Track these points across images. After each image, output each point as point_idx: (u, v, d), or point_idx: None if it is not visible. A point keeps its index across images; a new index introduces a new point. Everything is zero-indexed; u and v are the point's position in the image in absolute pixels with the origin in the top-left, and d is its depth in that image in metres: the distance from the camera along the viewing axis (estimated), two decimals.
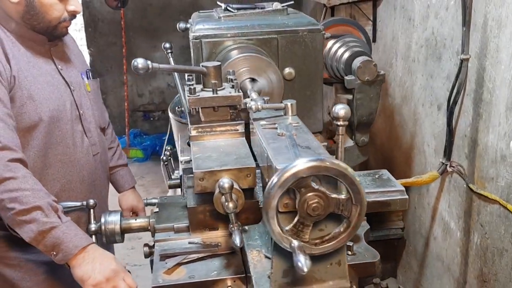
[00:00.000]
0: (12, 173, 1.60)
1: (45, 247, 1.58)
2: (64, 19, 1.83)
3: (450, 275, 2.65)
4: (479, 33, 2.22)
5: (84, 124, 1.94)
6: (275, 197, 1.04)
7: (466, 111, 2.37)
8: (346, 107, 1.36)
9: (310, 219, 1.08)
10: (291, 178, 1.03)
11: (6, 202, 1.57)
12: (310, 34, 2.27)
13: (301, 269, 1.00)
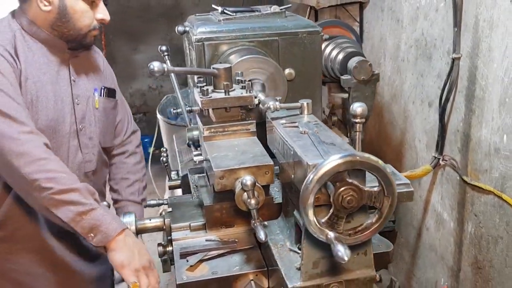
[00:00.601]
0: (48, 154, 1.60)
1: (82, 229, 1.56)
2: (94, 27, 1.83)
3: (444, 264, 2.74)
4: (470, 34, 2.31)
5: (81, 139, 1.88)
6: (313, 191, 1.09)
7: (458, 108, 2.46)
8: (363, 105, 1.42)
9: (344, 212, 1.14)
10: (329, 172, 1.08)
11: (41, 182, 1.55)
12: (310, 36, 2.33)
13: (342, 258, 1.05)
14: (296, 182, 1.31)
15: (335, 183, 1.11)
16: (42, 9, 1.75)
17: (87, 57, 1.98)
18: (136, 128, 2.29)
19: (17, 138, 1.57)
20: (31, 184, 1.54)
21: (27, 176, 1.54)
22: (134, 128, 2.26)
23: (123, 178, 2.18)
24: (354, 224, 1.19)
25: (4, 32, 1.73)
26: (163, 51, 2.67)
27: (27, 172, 1.54)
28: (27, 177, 1.54)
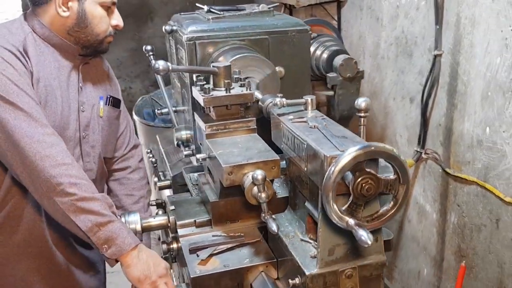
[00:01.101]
0: (70, 159, 1.62)
1: (98, 240, 1.57)
2: (110, 33, 1.84)
3: (427, 254, 2.86)
4: (452, 31, 2.43)
5: (83, 147, 1.87)
6: (335, 181, 1.15)
7: (440, 103, 2.58)
8: (367, 99, 1.50)
9: (362, 199, 1.21)
10: (351, 163, 1.14)
11: (65, 186, 1.56)
12: (299, 34, 2.38)
13: (366, 242, 1.12)
14: (309, 174, 1.37)
15: (354, 172, 1.18)
16: (60, 15, 1.74)
17: (95, 64, 1.97)
18: (138, 142, 2.28)
19: (43, 141, 1.58)
20: (55, 188, 1.55)
21: (52, 178, 1.55)
22: (135, 142, 2.24)
23: (128, 195, 2.15)
24: (368, 212, 1.26)
25: (16, 33, 1.72)
26: (148, 51, 2.69)
27: (52, 174, 1.55)
28: (52, 179, 1.55)
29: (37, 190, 1.59)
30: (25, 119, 1.58)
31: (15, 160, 1.58)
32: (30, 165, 1.56)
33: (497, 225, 2.22)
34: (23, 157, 1.56)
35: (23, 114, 1.58)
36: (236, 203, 1.75)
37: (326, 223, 1.30)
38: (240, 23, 2.35)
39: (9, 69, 1.61)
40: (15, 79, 1.60)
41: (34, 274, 1.84)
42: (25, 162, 1.56)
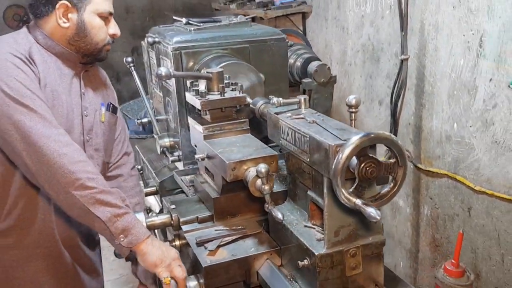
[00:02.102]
0: (85, 157, 1.73)
1: (116, 229, 1.67)
2: (108, 41, 1.94)
3: (402, 247, 3.07)
4: (417, 37, 2.66)
5: (87, 150, 1.96)
6: (344, 166, 1.31)
7: (408, 103, 2.81)
8: (357, 96, 1.68)
9: (366, 182, 1.37)
10: (357, 148, 1.31)
11: (84, 181, 1.65)
12: (277, 43, 2.57)
13: (375, 217, 1.28)
14: (312, 164, 1.53)
15: (358, 158, 1.35)
16: (61, 26, 1.84)
17: (94, 73, 2.07)
18: (130, 150, 2.35)
19: (59, 140, 1.66)
20: (74, 182, 1.64)
21: (71, 174, 1.64)
22: (128, 150, 2.31)
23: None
24: (369, 194, 1.43)
25: (22, 43, 1.81)
26: (129, 62, 2.81)
27: (71, 170, 1.64)
28: (71, 175, 1.64)
29: (54, 186, 1.67)
30: (40, 121, 1.67)
31: (32, 160, 1.65)
32: (48, 163, 1.64)
33: (469, 214, 2.44)
34: (41, 155, 1.64)
35: (37, 116, 1.66)
36: (236, 198, 1.89)
37: (332, 207, 1.46)
38: (222, 33, 2.50)
39: (21, 74, 1.69)
40: (27, 84, 1.69)
41: (43, 274, 1.91)
42: (43, 160, 1.64)
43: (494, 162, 2.24)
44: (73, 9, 1.84)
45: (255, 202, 1.90)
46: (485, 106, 2.24)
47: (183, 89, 2.31)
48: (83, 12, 1.85)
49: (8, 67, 1.69)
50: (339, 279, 1.52)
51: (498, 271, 2.35)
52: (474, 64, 2.27)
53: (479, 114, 2.28)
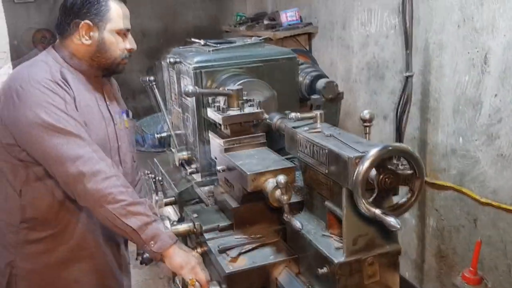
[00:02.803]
0: (116, 172, 1.76)
1: (146, 236, 1.72)
2: (125, 56, 1.97)
3: (407, 258, 3.03)
4: (421, 54, 2.66)
5: (120, 155, 2.04)
6: (364, 177, 1.30)
7: (413, 118, 2.80)
8: (371, 111, 1.67)
9: (385, 192, 1.36)
10: (376, 160, 1.30)
11: (116, 195, 1.70)
12: (288, 62, 2.57)
13: (395, 226, 1.26)
14: (331, 176, 1.51)
15: (377, 169, 1.33)
16: (83, 43, 1.89)
17: (110, 84, 2.13)
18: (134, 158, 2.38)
19: (92, 158, 1.71)
20: (106, 197, 1.69)
21: (104, 189, 1.69)
22: (134, 157, 2.32)
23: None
24: (387, 204, 1.41)
25: (53, 65, 1.85)
26: (151, 81, 2.81)
27: (104, 186, 1.69)
28: (104, 190, 1.69)
29: (89, 201, 1.72)
30: (75, 141, 1.71)
31: (68, 179, 1.71)
32: (84, 180, 1.69)
33: (475, 225, 2.42)
34: (76, 175, 1.69)
35: (73, 137, 1.71)
36: (255, 208, 1.88)
37: (351, 216, 1.44)
38: (238, 53, 2.51)
39: (57, 98, 1.74)
40: (63, 107, 1.74)
41: (87, 274, 1.93)
42: (78, 179, 1.69)
43: (500, 175, 2.22)
44: (95, 28, 1.89)
45: (272, 212, 1.88)
46: (490, 120, 2.23)
47: (201, 106, 2.31)
48: (103, 30, 1.90)
49: (44, 92, 1.73)
50: (356, 287, 1.50)
51: (505, 281, 2.31)
52: (479, 80, 2.26)
53: (484, 128, 2.27)
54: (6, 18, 5.93)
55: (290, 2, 4.37)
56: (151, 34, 6.26)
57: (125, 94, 2.33)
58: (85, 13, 1.86)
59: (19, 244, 1.87)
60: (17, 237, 1.86)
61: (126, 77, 6.19)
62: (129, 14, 1.98)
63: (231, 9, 6.06)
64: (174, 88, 2.81)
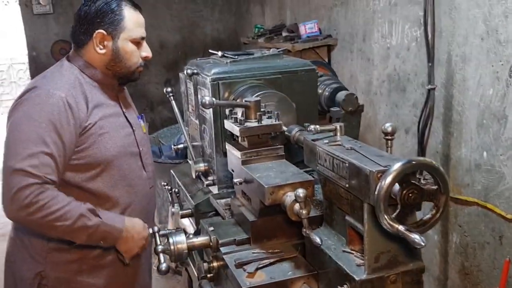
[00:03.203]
0: (50, 197, 1.75)
1: (94, 242, 1.84)
2: (140, 64, 1.99)
3: (430, 275, 2.96)
4: (444, 67, 2.61)
5: (143, 160, 2.06)
6: (387, 192, 1.26)
7: (436, 132, 2.74)
8: (393, 124, 1.63)
9: (409, 208, 1.32)
10: (400, 174, 1.26)
11: (54, 222, 1.75)
12: (307, 74, 2.54)
13: (419, 243, 1.22)
14: (351, 190, 1.47)
15: (401, 184, 1.29)
16: (98, 52, 1.90)
17: (125, 92, 2.16)
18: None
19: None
20: (44, 225, 1.76)
21: (39, 220, 1.74)
22: None
23: None
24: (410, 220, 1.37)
25: (66, 75, 1.88)
26: (168, 92, 2.82)
27: (39, 216, 1.73)
28: (40, 221, 1.74)
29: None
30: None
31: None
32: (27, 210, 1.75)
33: (500, 242, 2.34)
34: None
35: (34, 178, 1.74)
36: (273, 222, 1.85)
37: (372, 232, 1.40)
38: (256, 65, 2.50)
39: (60, 115, 1.78)
40: (59, 131, 1.78)
41: (115, 280, 1.97)
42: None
43: None
44: (109, 37, 1.90)
45: (290, 226, 1.85)
46: None
47: (219, 117, 2.30)
48: (118, 39, 1.91)
49: (51, 110, 1.77)
50: None
51: None
52: (504, 93, 2.21)
53: (510, 143, 2.21)
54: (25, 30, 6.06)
55: (309, 15, 4.36)
56: (169, 46, 6.31)
57: (143, 106, 2.37)
58: (99, 23, 1.87)
59: (48, 254, 1.89)
60: (47, 246, 1.88)
61: (144, 88, 6.24)
62: (144, 22, 1.99)
63: (249, 21, 6.07)
64: (191, 99, 2.80)
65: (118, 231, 1.87)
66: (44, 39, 5.86)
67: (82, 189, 1.88)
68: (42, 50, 5.88)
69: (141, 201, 2.04)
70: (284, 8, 4.97)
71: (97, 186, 1.89)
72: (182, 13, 6.35)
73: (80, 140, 1.82)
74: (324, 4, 4.04)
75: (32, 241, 1.89)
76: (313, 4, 4.28)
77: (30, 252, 1.90)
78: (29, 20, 5.91)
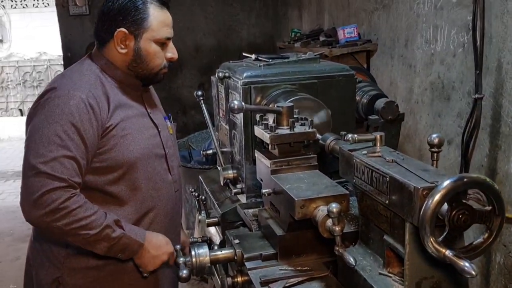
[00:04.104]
0: (77, 203, 1.68)
1: (113, 253, 1.76)
2: (164, 65, 1.89)
3: None
4: (493, 76, 2.43)
5: (168, 162, 1.97)
6: (434, 212, 1.12)
7: (481, 144, 2.55)
8: (440, 135, 1.48)
9: (458, 231, 1.17)
10: (450, 193, 1.11)
11: (78, 230, 1.68)
12: (345, 79, 2.41)
13: (469, 272, 1.07)
14: (391, 207, 1.33)
15: (450, 204, 1.14)
16: (119, 52, 1.81)
17: (150, 91, 2.06)
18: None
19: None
20: (68, 233, 1.68)
21: (64, 227, 1.66)
22: None
23: None
24: (458, 244, 1.21)
25: (87, 74, 1.80)
26: (199, 96, 2.72)
27: (64, 223, 1.66)
28: (64, 228, 1.66)
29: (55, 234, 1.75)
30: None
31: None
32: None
33: None
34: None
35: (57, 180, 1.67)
36: (302, 237, 1.72)
37: (415, 256, 1.26)
38: (291, 69, 2.38)
39: (81, 117, 1.71)
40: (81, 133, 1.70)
41: (135, 286, 1.90)
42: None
43: None
44: (131, 36, 1.80)
45: (321, 242, 1.71)
46: None
47: (250, 123, 2.18)
48: (140, 39, 1.81)
49: (72, 112, 1.70)
50: None
51: None
52: None
53: None
54: (61, 30, 6.10)
55: (348, 19, 4.21)
56: (204, 49, 6.26)
57: (175, 109, 2.28)
58: (121, 20, 1.78)
59: (66, 259, 1.81)
60: (65, 251, 1.81)
61: (178, 92, 6.21)
62: (171, 21, 1.88)
63: (286, 25, 5.96)
64: (222, 103, 2.70)
65: (138, 245, 1.80)
66: (80, 40, 5.89)
67: (104, 192, 1.80)
68: (77, 51, 5.91)
69: (165, 205, 1.95)
70: (322, 12, 4.83)
71: (119, 190, 1.80)
72: (218, 17, 6.29)
73: (101, 142, 1.74)
74: (365, 8, 3.88)
75: (51, 245, 1.82)
76: (352, 8, 4.13)
77: (48, 256, 1.83)
78: (65, 21, 5.95)
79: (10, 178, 7.25)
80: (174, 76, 6.14)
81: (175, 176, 2.02)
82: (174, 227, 2.03)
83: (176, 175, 2.04)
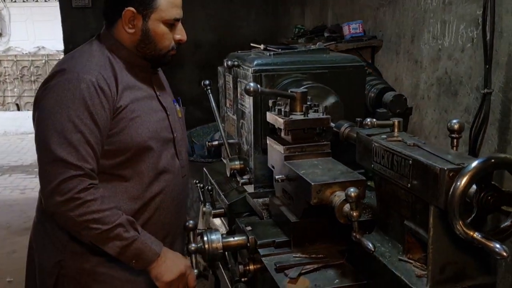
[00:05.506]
0: (92, 195, 1.64)
1: (126, 258, 1.68)
2: (172, 47, 1.85)
3: None
4: (503, 70, 2.41)
5: (176, 147, 1.92)
6: (463, 194, 1.09)
7: (490, 139, 2.53)
8: (461, 120, 1.45)
9: (486, 213, 1.14)
10: (479, 173, 1.09)
11: (90, 223, 1.63)
12: (355, 70, 2.38)
13: (500, 253, 1.05)
14: (415, 191, 1.30)
15: (479, 185, 1.12)
16: (127, 31, 1.78)
17: (159, 74, 2.02)
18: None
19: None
20: (80, 225, 1.63)
21: (76, 218, 1.62)
22: None
23: None
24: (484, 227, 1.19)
25: (97, 55, 1.76)
26: (206, 85, 2.69)
27: (76, 214, 1.61)
28: (76, 219, 1.62)
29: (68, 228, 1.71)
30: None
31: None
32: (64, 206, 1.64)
33: None
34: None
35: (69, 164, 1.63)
36: (317, 224, 1.70)
37: (439, 240, 1.23)
38: (301, 58, 2.35)
39: (93, 101, 1.66)
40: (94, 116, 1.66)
41: (140, 274, 1.81)
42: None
43: None
44: (139, 16, 1.76)
45: (336, 230, 1.68)
46: None
47: (259, 111, 2.15)
48: (148, 19, 1.77)
49: (84, 96, 1.65)
50: None
51: None
52: None
53: None
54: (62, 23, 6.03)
55: (352, 15, 4.19)
56: (204, 45, 6.21)
57: None
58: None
59: (69, 242, 1.75)
60: (69, 235, 1.75)
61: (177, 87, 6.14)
62: (180, 1, 1.84)
63: (288, 22, 5.94)
64: (229, 93, 2.67)
65: (153, 253, 1.72)
66: (82, 33, 5.81)
67: (111, 175, 1.75)
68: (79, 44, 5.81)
69: (172, 190, 1.89)
70: (326, 9, 4.81)
71: (126, 173, 1.75)
72: (218, 13, 6.25)
73: (111, 124, 1.70)
74: (370, 4, 3.86)
75: (55, 227, 1.76)
76: (357, 4, 4.11)
77: (51, 239, 1.77)
78: (67, 13, 5.88)
79: (6, 173, 7.17)
80: (174, 72, 6.09)
81: (182, 161, 1.96)
82: (180, 213, 1.98)
83: (184, 160, 1.98)
